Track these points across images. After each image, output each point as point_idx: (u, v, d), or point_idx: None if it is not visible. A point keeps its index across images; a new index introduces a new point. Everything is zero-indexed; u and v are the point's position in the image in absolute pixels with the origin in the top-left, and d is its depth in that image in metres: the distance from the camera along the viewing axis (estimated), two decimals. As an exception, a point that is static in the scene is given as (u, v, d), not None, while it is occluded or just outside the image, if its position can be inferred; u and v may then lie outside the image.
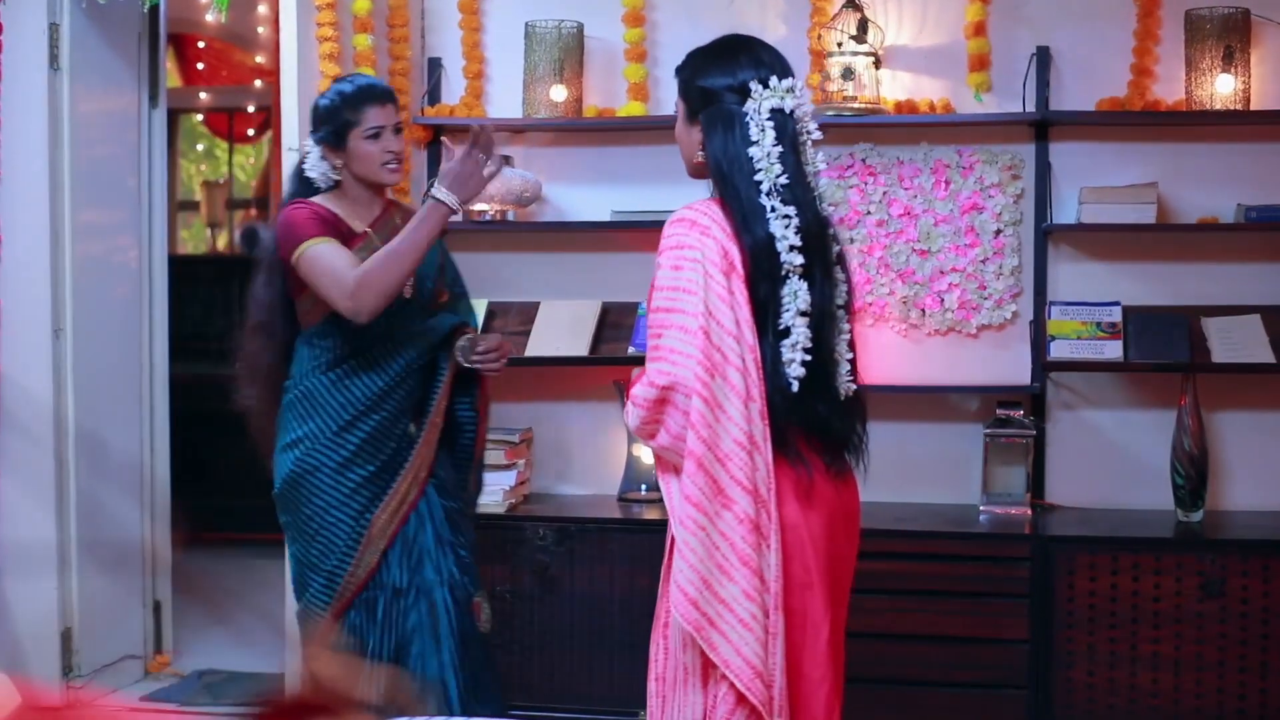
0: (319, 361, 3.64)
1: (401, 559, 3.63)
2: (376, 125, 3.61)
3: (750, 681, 2.86)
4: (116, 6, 4.43)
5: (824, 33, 4.81)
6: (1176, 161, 4.80)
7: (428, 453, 3.69)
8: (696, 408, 2.84)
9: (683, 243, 2.95)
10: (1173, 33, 4.74)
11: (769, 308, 2.96)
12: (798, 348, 2.96)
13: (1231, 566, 4.35)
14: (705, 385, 2.85)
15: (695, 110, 3.06)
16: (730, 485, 2.87)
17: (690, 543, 2.86)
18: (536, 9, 5.00)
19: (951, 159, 4.88)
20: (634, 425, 3.00)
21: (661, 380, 2.90)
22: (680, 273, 2.92)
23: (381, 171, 3.64)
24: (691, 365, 2.86)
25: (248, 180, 11.36)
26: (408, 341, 3.67)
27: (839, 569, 3.11)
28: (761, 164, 2.97)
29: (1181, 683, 4.36)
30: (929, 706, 4.46)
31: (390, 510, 3.63)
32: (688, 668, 2.95)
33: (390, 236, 3.60)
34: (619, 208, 5.01)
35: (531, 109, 4.94)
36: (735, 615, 2.87)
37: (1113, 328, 4.70)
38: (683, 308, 2.90)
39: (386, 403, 3.64)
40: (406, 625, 3.63)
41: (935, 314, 4.90)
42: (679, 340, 2.89)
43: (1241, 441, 4.80)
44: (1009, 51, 4.84)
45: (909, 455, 4.93)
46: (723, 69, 3.06)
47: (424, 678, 3.57)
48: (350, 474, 3.61)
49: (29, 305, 4.28)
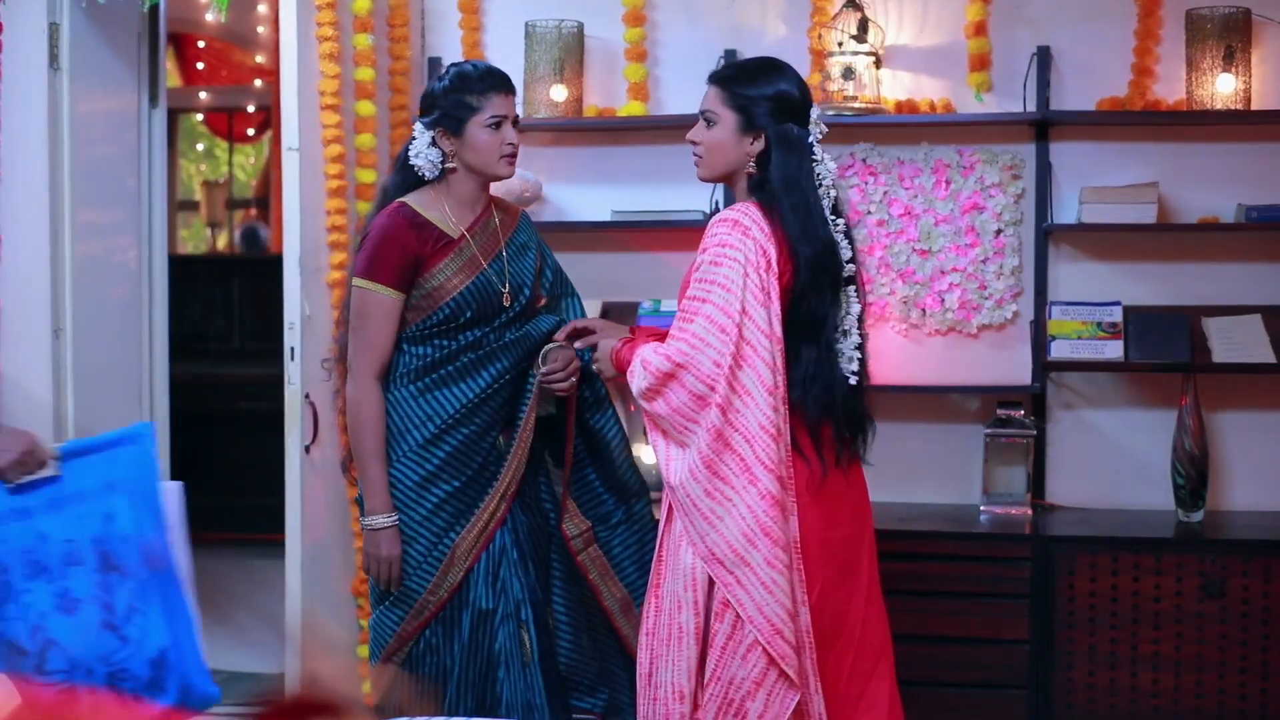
0: (408, 369, 3.52)
1: (486, 578, 3.50)
2: (499, 114, 3.49)
3: (771, 637, 3.13)
4: (116, 6, 4.42)
5: (824, 32, 4.81)
6: (1177, 161, 4.80)
7: (518, 467, 3.53)
8: (722, 390, 3.13)
9: (726, 241, 3.20)
10: (1173, 32, 4.74)
11: (823, 312, 3.28)
12: (855, 347, 3.34)
13: (1232, 567, 4.35)
14: (731, 371, 3.13)
15: (753, 124, 3.28)
16: (755, 464, 3.13)
17: (718, 511, 3.16)
18: (536, 8, 4.99)
19: (952, 159, 4.88)
20: (639, 387, 3.25)
21: (678, 358, 3.17)
22: (719, 268, 3.18)
23: (500, 164, 3.52)
24: (711, 354, 3.15)
25: (247, 180, 11.37)
26: (501, 351, 3.54)
27: (849, 550, 3.35)
28: (826, 180, 3.30)
29: (1182, 683, 4.36)
30: (929, 706, 4.45)
31: (476, 530, 3.49)
32: (682, 628, 3.19)
33: (488, 241, 3.54)
34: (619, 207, 5.00)
35: (532, 109, 4.93)
36: (758, 578, 3.13)
37: (1113, 328, 4.70)
38: (715, 300, 3.16)
39: (476, 416, 3.50)
40: (494, 648, 3.50)
41: (936, 314, 4.90)
42: (704, 328, 3.16)
43: (1242, 441, 4.79)
44: (1009, 51, 4.84)
45: (909, 455, 4.93)
46: (785, 89, 3.30)
47: (512, 702, 3.47)
48: (433, 491, 3.48)
49: (28, 305, 4.28)
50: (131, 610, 2.94)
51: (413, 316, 3.51)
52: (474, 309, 3.52)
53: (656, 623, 3.27)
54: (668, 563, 3.28)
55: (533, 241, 3.69)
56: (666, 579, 3.26)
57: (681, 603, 3.19)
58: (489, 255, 3.56)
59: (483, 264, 3.54)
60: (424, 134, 3.52)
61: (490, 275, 3.55)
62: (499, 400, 3.54)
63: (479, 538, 3.49)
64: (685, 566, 3.21)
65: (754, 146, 3.28)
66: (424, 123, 3.53)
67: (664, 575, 3.28)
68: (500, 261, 3.57)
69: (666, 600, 3.23)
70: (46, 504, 2.99)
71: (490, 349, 3.53)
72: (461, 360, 3.52)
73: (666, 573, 3.27)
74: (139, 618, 2.94)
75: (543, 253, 3.72)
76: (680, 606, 3.20)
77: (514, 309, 3.58)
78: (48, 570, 2.94)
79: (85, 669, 2.92)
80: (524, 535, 3.56)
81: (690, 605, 3.19)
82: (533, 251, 3.66)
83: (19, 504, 2.98)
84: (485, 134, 3.49)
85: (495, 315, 3.55)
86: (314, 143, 4.58)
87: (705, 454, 3.16)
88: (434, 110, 3.52)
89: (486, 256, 3.55)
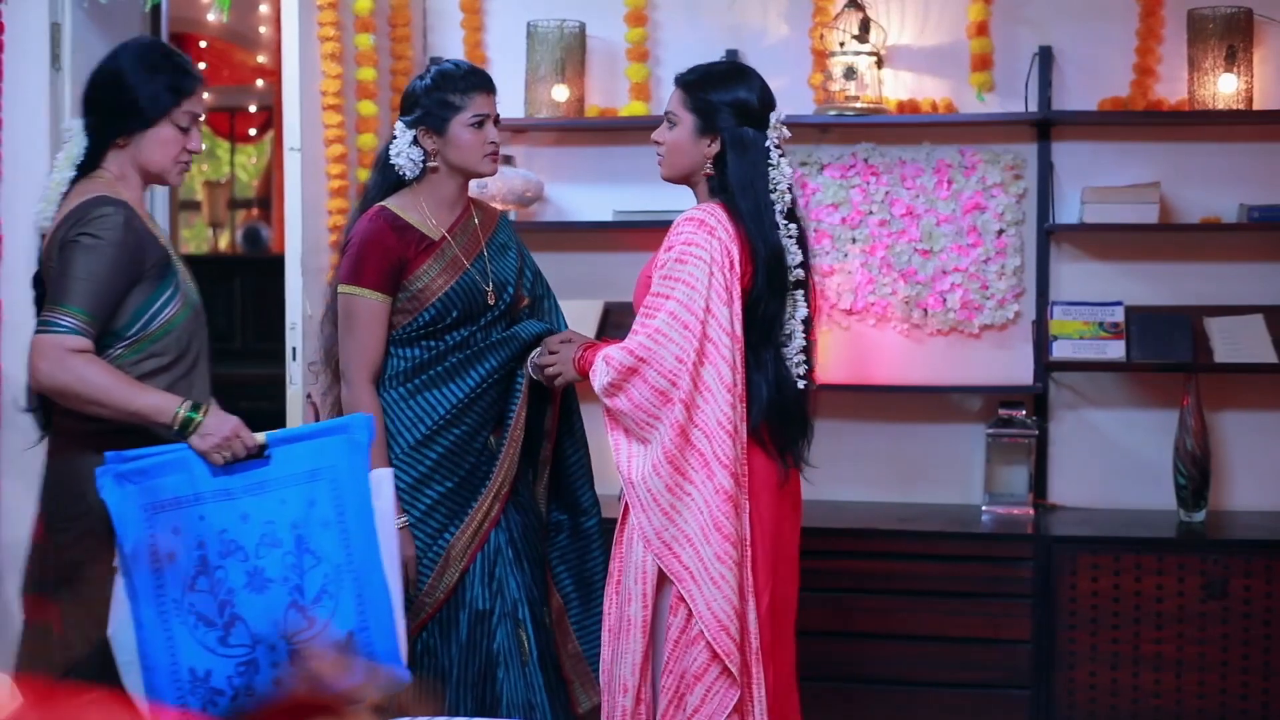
0: (396, 371, 3.51)
1: (483, 577, 3.50)
2: (482, 113, 3.50)
3: (717, 633, 3.18)
4: (118, 6, 4.42)
5: (826, 32, 4.81)
6: (1179, 161, 4.79)
7: (510, 467, 3.52)
8: (685, 386, 3.18)
9: (692, 240, 3.25)
10: (1175, 32, 4.73)
11: (772, 316, 3.34)
12: (800, 350, 3.39)
13: (1234, 567, 4.34)
14: (694, 368, 3.19)
15: (711, 127, 3.35)
16: (713, 460, 3.19)
17: (676, 505, 3.21)
18: (538, 9, 4.99)
19: (954, 159, 4.88)
20: (602, 383, 3.28)
21: (641, 352, 3.22)
22: (684, 266, 3.24)
23: (484, 162, 3.52)
24: (673, 349, 3.20)
25: (249, 180, 11.37)
26: (488, 350, 3.54)
27: (782, 547, 3.41)
28: (781, 184, 3.35)
29: (1184, 683, 4.36)
30: (931, 707, 4.46)
31: (471, 530, 3.49)
32: (631, 619, 3.27)
33: (469, 241, 3.54)
34: (621, 208, 5.00)
35: (533, 109, 4.93)
36: (708, 574, 3.19)
37: (1115, 327, 4.69)
38: (679, 297, 3.22)
39: (466, 416, 3.50)
40: (492, 648, 3.50)
41: (937, 314, 4.89)
42: (666, 324, 3.22)
43: (1244, 442, 4.79)
44: (1011, 51, 4.83)
45: (911, 455, 4.93)
46: (745, 95, 3.38)
47: (512, 701, 3.47)
48: (426, 493, 3.48)
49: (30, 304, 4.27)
50: (322, 593, 3.05)
51: (399, 320, 3.51)
52: (459, 309, 3.52)
53: (615, 619, 3.34)
54: (624, 558, 3.33)
55: (512, 241, 3.70)
56: (623, 573, 3.32)
57: (631, 595, 3.26)
58: (470, 255, 3.57)
59: (465, 264, 3.54)
60: (405, 133, 3.51)
61: (474, 275, 3.55)
62: (488, 400, 3.54)
63: (474, 538, 3.49)
64: (637, 559, 3.26)
65: (711, 148, 3.35)
66: (405, 121, 3.51)
67: (620, 570, 3.34)
68: (482, 261, 3.58)
69: (623, 594, 3.30)
70: (251, 486, 3.08)
71: (477, 349, 3.54)
72: (450, 361, 3.52)
73: (623, 567, 3.33)
74: (328, 599, 3.05)
75: (522, 253, 3.72)
76: (630, 599, 3.26)
77: (499, 308, 3.58)
78: (242, 549, 3.05)
79: (268, 645, 3.03)
80: (519, 534, 3.56)
81: (639, 598, 3.25)
82: (513, 251, 3.66)
83: (224, 485, 3.07)
84: (468, 133, 3.49)
85: (480, 314, 3.55)
86: (316, 143, 4.58)
87: (669, 449, 3.20)
88: (415, 109, 3.51)
89: (468, 256, 3.56)
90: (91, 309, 3.00)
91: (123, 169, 3.17)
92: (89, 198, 3.07)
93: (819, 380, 3.58)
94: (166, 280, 3.13)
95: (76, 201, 3.08)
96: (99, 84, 3.19)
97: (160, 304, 3.10)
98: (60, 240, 3.05)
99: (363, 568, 3.08)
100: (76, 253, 3.00)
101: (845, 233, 4.92)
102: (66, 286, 3.00)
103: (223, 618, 3.03)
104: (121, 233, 3.03)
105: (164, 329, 3.10)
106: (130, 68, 3.15)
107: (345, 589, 3.06)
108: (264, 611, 3.03)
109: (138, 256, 3.07)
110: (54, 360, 2.97)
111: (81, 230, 3.02)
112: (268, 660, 3.03)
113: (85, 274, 2.99)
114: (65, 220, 3.07)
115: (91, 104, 3.18)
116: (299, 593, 3.04)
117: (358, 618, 3.07)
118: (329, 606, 3.05)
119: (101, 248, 3.00)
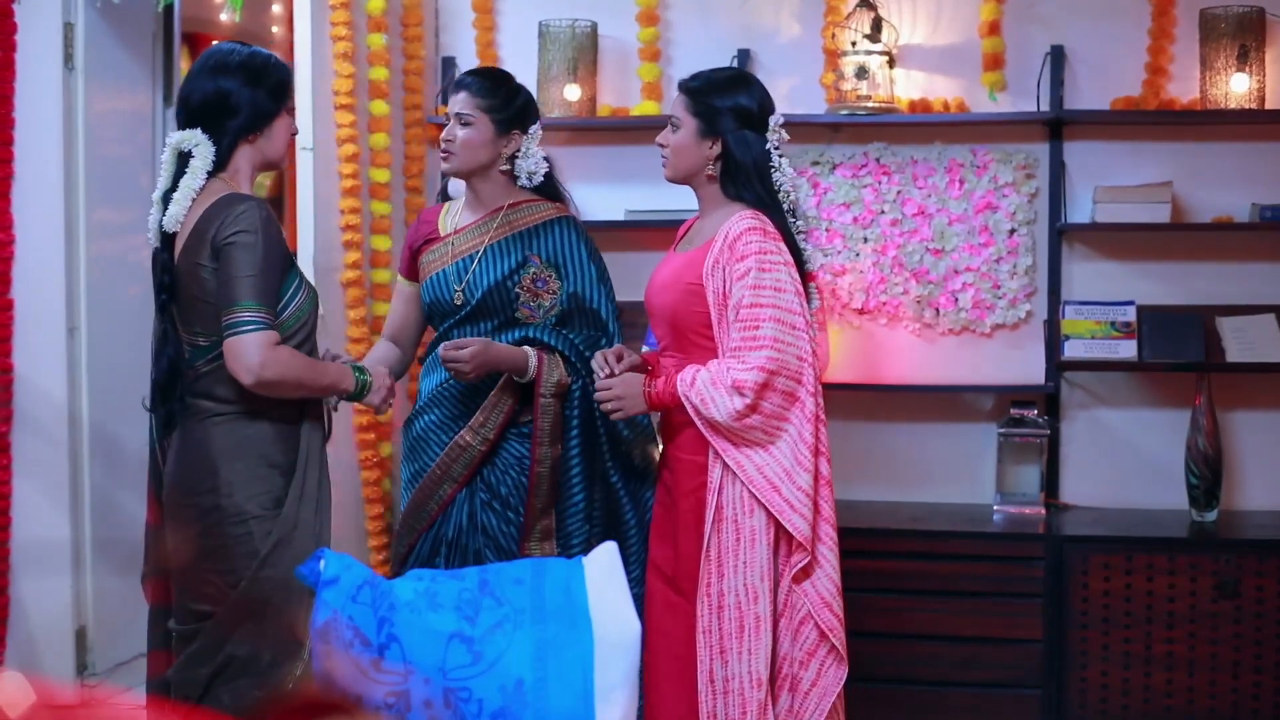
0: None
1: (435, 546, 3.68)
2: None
3: (820, 609, 3.36)
4: (131, 6, 4.43)
5: (838, 32, 4.81)
6: (1191, 161, 4.79)
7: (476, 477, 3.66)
8: (809, 381, 3.34)
9: (765, 248, 3.37)
10: (1187, 32, 4.73)
11: None
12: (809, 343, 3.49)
13: (1246, 566, 4.34)
14: (812, 367, 3.35)
15: (712, 130, 3.47)
16: (824, 448, 3.41)
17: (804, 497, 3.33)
18: (550, 8, 5.00)
19: (966, 158, 4.88)
20: (732, 409, 3.32)
21: (771, 365, 3.31)
22: (767, 274, 3.35)
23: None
24: (794, 351, 3.33)
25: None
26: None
27: None
28: (784, 185, 3.48)
29: (1196, 683, 4.35)
30: (943, 706, 4.46)
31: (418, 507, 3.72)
32: (760, 616, 3.34)
33: (470, 242, 3.65)
34: (633, 207, 5.01)
35: (545, 108, 4.93)
36: (828, 564, 3.39)
37: (1127, 327, 4.69)
38: (776, 302, 3.34)
39: (436, 407, 3.69)
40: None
41: (949, 313, 4.89)
42: (776, 329, 3.33)
43: (1256, 441, 4.78)
44: (1023, 51, 4.83)
45: (923, 455, 4.93)
46: (745, 100, 3.48)
47: None
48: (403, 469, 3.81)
49: (43, 303, 4.28)
50: (494, 629, 2.72)
51: None
52: (428, 305, 3.71)
53: (720, 619, 3.38)
54: (725, 564, 3.37)
55: (542, 254, 3.69)
56: (726, 578, 3.37)
57: (757, 593, 3.33)
58: (458, 255, 3.67)
59: (446, 263, 3.67)
60: (537, 135, 3.77)
61: (448, 274, 3.66)
62: (455, 396, 3.65)
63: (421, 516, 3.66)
64: (761, 559, 3.34)
65: (712, 150, 3.49)
66: (532, 129, 3.75)
67: (721, 576, 3.38)
68: (468, 262, 3.66)
69: (730, 596, 3.35)
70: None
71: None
72: (435, 353, 3.67)
73: (725, 574, 3.37)
74: (500, 637, 2.71)
75: (562, 272, 3.71)
76: (756, 597, 3.33)
77: (464, 310, 3.65)
78: (425, 578, 2.80)
79: (422, 677, 2.68)
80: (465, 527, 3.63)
81: (766, 594, 3.34)
82: (534, 264, 3.67)
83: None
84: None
85: (449, 314, 3.66)
86: (328, 142, 4.59)
87: (809, 441, 3.34)
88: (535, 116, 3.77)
89: (454, 256, 3.67)
90: (268, 301, 3.09)
91: (239, 165, 3.23)
92: (220, 197, 3.14)
93: (828, 379, 3.69)
94: (294, 270, 3.22)
95: (208, 203, 3.14)
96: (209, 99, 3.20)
97: (292, 292, 3.19)
98: (213, 244, 3.09)
99: (563, 627, 2.73)
100: (237, 251, 3.07)
101: (857, 232, 4.92)
102: (241, 285, 3.06)
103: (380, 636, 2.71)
104: (267, 224, 3.11)
105: (296, 316, 3.19)
106: (237, 67, 3.20)
107: (524, 633, 2.72)
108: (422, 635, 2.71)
109: (283, 246, 3.18)
110: (267, 358, 3.05)
111: (234, 230, 3.08)
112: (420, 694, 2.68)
113: (252, 269, 3.06)
114: (204, 220, 3.11)
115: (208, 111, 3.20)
116: (469, 623, 2.73)
117: (534, 668, 2.71)
118: (499, 645, 2.71)
119: (258, 243, 3.08)
